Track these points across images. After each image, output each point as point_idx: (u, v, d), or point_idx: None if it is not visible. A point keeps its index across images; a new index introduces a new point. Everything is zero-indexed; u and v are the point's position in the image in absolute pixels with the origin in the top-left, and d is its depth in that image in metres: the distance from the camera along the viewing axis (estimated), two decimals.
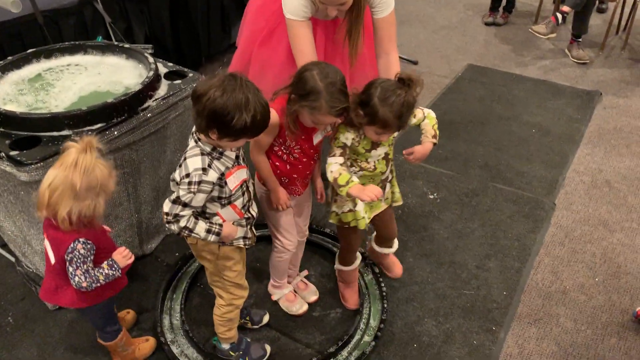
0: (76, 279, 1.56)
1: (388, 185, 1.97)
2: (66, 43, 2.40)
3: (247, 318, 2.11)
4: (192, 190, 1.49)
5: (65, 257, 1.56)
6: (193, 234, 1.58)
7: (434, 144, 1.86)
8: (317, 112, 1.59)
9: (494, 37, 4.82)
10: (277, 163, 1.81)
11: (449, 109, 3.69)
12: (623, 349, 2.10)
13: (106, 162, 1.54)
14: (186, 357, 1.99)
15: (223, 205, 1.61)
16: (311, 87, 1.57)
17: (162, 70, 2.30)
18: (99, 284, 1.59)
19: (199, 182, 1.49)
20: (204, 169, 1.49)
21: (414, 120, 1.85)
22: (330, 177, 1.73)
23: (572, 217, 2.75)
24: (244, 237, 1.74)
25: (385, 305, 2.18)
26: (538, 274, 2.41)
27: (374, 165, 1.83)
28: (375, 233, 2.23)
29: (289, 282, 2.22)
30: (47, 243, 1.63)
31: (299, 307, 2.18)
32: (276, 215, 1.92)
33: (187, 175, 1.49)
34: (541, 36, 4.34)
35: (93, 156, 1.50)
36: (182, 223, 1.54)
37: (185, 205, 1.52)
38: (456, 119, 3.57)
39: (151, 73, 2.16)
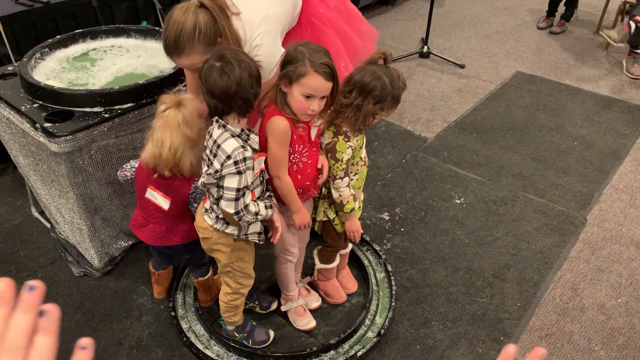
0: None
1: None
2: (111, 26, 2.53)
3: (256, 302, 2.16)
4: (241, 168, 1.48)
5: (190, 197, 1.81)
6: (258, 217, 1.59)
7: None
8: (304, 77, 1.53)
9: (549, 46, 4.67)
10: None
11: (490, 114, 3.62)
12: None
13: None
14: (193, 333, 2.07)
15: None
16: (293, 54, 1.55)
17: None
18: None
19: (244, 159, 1.48)
20: (242, 146, 1.49)
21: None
22: (337, 198, 1.83)
23: (603, 235, 2.64)
24: (258, 233, 1.72)
25: (393, 304, 2.18)
26: (557, 288, 2.35)
27: (364, 160, 1.88)
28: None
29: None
30: (154, 194, 1.81)
31: (306, 323, 2.11)
32: (284, 234, 1.87)
33: (229, 157, 1.47)
34: (612, 42, 4.25)
35: (189, 105, 1.65)
36: (253, 209, 1.56)
37: (244, 193, 1.51)
38: (495, 125, 3.50)
39: None
